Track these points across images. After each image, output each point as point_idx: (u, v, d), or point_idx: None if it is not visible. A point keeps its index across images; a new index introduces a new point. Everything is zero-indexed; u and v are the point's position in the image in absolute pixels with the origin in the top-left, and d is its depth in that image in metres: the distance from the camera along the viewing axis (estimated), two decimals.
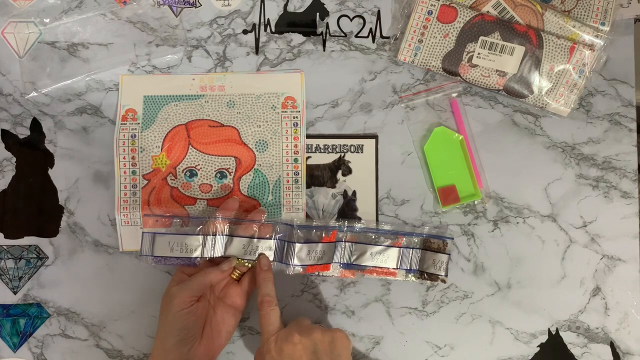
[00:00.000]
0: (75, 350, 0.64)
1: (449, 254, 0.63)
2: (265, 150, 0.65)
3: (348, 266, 0.62)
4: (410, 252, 0.63)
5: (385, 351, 0.64)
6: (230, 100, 0.65)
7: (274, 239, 0.60)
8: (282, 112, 0.65)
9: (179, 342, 0.55)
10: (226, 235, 0.59)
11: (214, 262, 0.59)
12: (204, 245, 0.58)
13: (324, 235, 0.61)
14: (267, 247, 0.60)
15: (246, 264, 0.59)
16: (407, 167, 0.65)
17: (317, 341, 0.54)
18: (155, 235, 0.58)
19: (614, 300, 0.64)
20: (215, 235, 0.59)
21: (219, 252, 0.59)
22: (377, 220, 0.64)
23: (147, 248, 0.58)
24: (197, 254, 0.58)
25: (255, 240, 0.59)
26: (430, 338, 0.64)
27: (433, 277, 0.62)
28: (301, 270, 0.61)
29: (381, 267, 0.62)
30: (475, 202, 0.64)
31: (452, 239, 0.64)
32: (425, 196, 0.65)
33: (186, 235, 0.58)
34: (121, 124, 0.64)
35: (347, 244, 0.62)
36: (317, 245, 0.61)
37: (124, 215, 0.64)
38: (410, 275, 0.63)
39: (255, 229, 0.60)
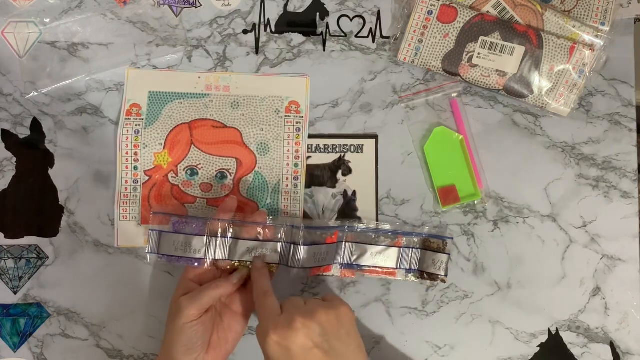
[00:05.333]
0: (75, 350, 0.64)
1: (449, 254, 0.63)
2: (267, 153, 0.65)
3: (348, 266, 0.62)
4: (410, 252, 0.62)
5: (386, 351, 0.64)
6: (234, 101, 0.65)
7: (279, 241, 0.59)
8: (285, 116, 0.65)
9: (187, 351, 0.54)
10: (230, 237, 0.59)
11: (217, 264, 0.59)
12: (208, 246, 0.58)
13: (326, 236, 0.61)
14: (273, 250, 0.59)
15: (248, 265, 0.59)
16: (407, 167, 0.65)
17: (323, 322, 0.50)
18: (161, 234, 0.58)
19: (614, 300, 0.64)
20: (219, 237, 0.58)
21: (224, 254, 0.58)
22: (377, 220, 0.64)
23: (154, 246, 0.59)
24: (201, 254, 0.58)
25: (260, 242, 0.59)
26: (430, 338, 0.64)
27: (433, 277, 0.62)
28: (306, 273, 0.60)
29: (381, 267, 0.62)
30: (475, 202, 0.64)
31: (452, 239, 0.64)
32: (425, 196, 0.65)
33: (191, 236, 0.58)
34: (125, 119, 0.64)
35: (348, 244, 0.62)
36: (322, 247, 0.60)
37: (123, 209, 0.64)
38: (410, 275, 0.63)
39: (259, 231, 0.59)
